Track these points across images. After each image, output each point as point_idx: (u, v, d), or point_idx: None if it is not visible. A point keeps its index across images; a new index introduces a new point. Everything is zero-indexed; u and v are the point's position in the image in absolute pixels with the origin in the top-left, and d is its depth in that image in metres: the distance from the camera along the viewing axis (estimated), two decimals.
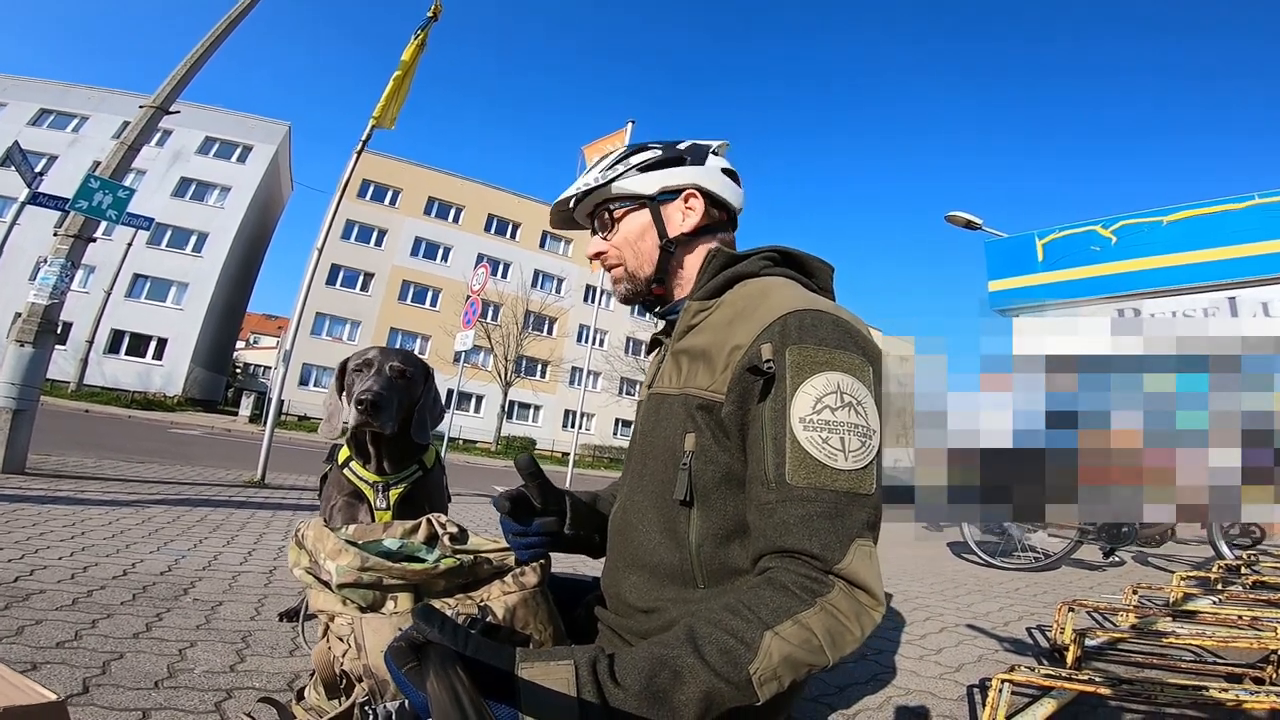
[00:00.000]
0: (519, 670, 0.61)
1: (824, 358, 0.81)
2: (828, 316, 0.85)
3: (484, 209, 34.70)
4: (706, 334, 0.95)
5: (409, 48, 7.24)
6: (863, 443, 0.78)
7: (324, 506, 1.83)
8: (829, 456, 0.76)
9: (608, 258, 1.09)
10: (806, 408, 0.78)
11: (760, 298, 0.92)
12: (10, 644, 1.70)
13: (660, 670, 0.64)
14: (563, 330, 34.23)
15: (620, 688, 0.62)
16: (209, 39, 5.96)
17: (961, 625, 3.00)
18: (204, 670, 1.71)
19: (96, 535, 3.20)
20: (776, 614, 0.68)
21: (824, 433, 0.77)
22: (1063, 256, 9.34)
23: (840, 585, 0.71)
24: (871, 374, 0.83)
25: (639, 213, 1.06)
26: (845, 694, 1.96)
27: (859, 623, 0.70)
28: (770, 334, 0.84)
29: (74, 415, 15.45)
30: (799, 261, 1.04)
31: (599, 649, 0.66)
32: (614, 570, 1.01)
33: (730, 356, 0.87)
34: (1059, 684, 1.44)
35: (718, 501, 0.87)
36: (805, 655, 0.67)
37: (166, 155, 27.53)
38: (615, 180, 1.06)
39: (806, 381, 0.80)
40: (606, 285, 1.43)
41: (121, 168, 5.61)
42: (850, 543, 0.73)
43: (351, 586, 0.90)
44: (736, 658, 0.65)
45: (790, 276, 1.00)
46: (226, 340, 34.57)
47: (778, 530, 0.75)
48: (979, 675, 2.23)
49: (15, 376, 5.02)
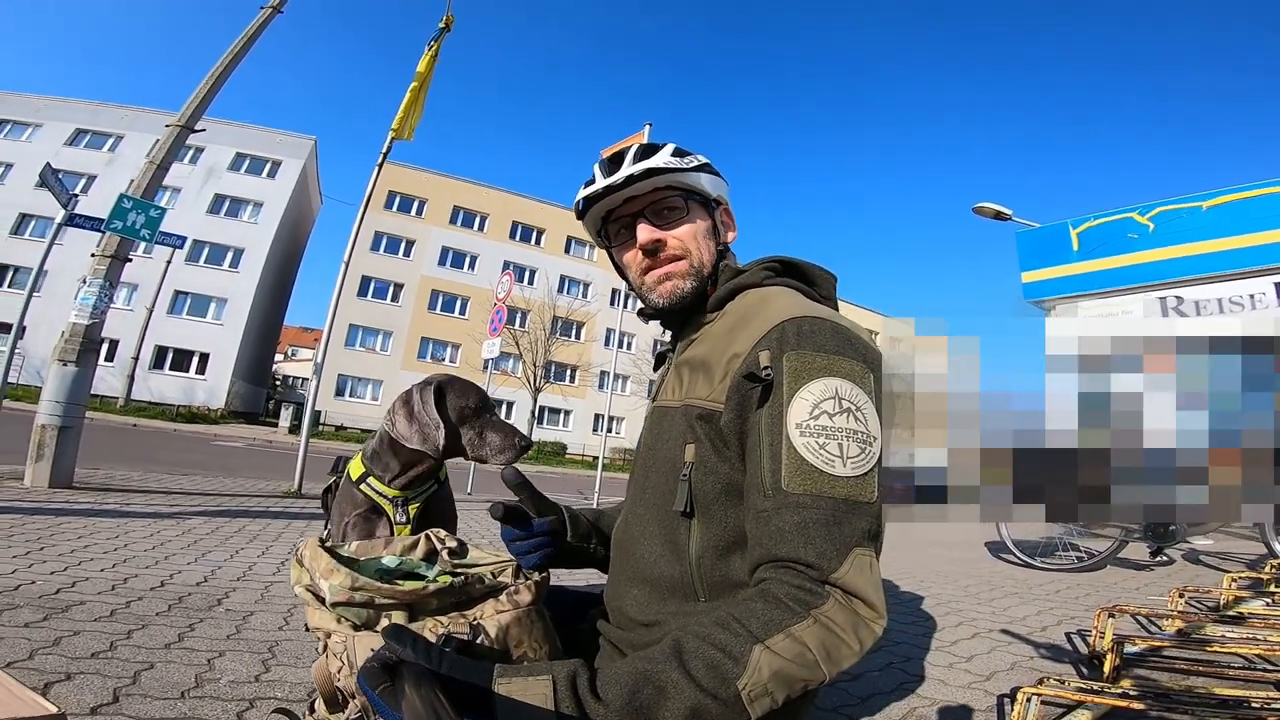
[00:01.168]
0: (496, 686, 0.61)
1: (822, 363, 0.80)
2: (826, 323, 0.84)
3: (508, 216, 35.08)
4: (707, 344, 0.95)
5: (423, 59, 7.37)
6: (862, 449, 0.76)
7: (336, 521, 1.80)
8: (826, 463, 0.74)
9: (669, 248, 1.00)
10: (803, 413, 0.77)
11: (759, 306, 0.91)
12: (47, 654, 1.77)
13: (643, 686, 0.62)
14: (590, 335, 34.36)
15: (601, 703, 0.61)
16: (227, 57, 6.13)
17: (995, 630, 2.89)
18: (230, 680, 1.75)
19: (138, 547, 3.31)
20: (767, 627, 0.66)
21: (821, 439, 0.76)
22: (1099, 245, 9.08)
23: (836, 596, 0.69)
24: (872, 380, 0.82)
25: (704, 211, 1.03)
26: (869, 704, 1.91)
27: (856, 635, 0.68)
28: (768, 341, 0.83)
29: (122, 430, 16.03)
30: (801, 271, 1.03)
31: (580, 663, 0.65)
32: (617, 584, 1.00)
33: (729, 365, 0.87)
34: (1090, 698, 1.38)
35: (718, 513, 0.86)
36: (798, 670, 0.65)
37: (200, 172, 28.41)
38: (692, 170, 1.00)
39: (804, 387, 0.78)
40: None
41: (153, 187, 5.79)
42: (848, 552, 0.71)
43: (345, 605, 0.91)
44: (724, 673, 0.63)
45: (792, 286, 0.99)
46: (265, 353, 35.50)
47: (773, 538, 0.74)
48: (1011, 684, 2.13)
49: (60, 395, 5.22)
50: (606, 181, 0.99)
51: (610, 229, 1.07)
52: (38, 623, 2.01)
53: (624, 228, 1.04)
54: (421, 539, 1.12)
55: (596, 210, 1.04)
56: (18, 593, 2.30)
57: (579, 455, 31.64)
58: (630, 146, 1.04)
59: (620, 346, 11.44)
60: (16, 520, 3.63)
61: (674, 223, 1.00)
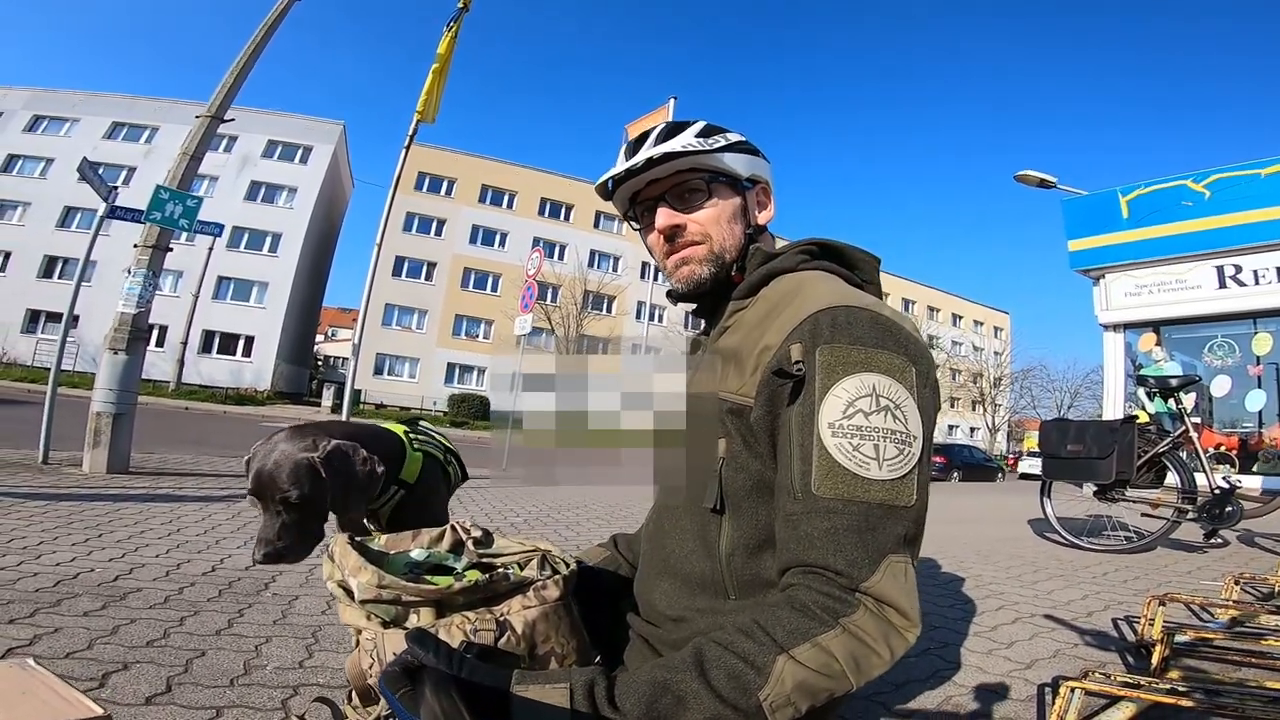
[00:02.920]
0: (514, 693, 0.61)
1: (858, 357, 0.75)
2: (865, 313, 0.79)
3: (536, 193, 35.15)
4: (739, 333, 0.92)
5: (443, 40, 7.33)
6: (900, 450, 0.72)
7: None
8: (860, 465, 0.71)
9: (688, 233, 0.97)
10: (836, 412, 0.73)
11: (793, 294, 0.87)
12: (105, 644, 1.84)
13: (662, 695, 0.61)
14: (621, 308, 34.39)
15: (618, 712, 0.60)
16: (250, 45, 6.18)
17: (1038, 615, 2.79)
18: (275, 666, 1.81)
19: (190, 531, 3.44)
20: (792, 636, 0.64)
21: (855, 439, 0.72)
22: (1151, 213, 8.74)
23: (867, 604, 0.67)
24: (915, 374, 0.77)
25: (731, 192, 0.99)
26: (902, 691, 1.88)
27: (887, 645, 0.66)
28: (800, 333, 0.79)
29: (175, 413, 16.68)
30: (840, 254, 0.98)
31: (599, 671, 0.64)
32: (646, 577, 0.99)
33: (759, 358, 0.83)
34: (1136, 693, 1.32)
35: (749, 510, 0.84)
36: (823, 681, 0.63)
37: (235, 161, 29.13)
38: (716, 151, 0.96)
39: (838, 384, 0.74)
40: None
41: (188, 177, 5.92)
42: (881, 559, 0.68)
43: (373, 603, 0.91)
44: (746, 683, 0.62)
45: (830, 270, 0.94)
46: (307, 334, 36.51)
47: (801, 544, 0.71)
48: (1053, 673, 2.07)
49: (112, 383, 5.42)
50: (625, 166, 0.96)
51: (637, 210, 1.04)
52: (96, 611, 2.10)
53: (648, 210, 1.01)
54: (447, 530, 1.12)
55: (623, 192, 1.02)
56: (77, 581, 2.40)
57: None
58: (654, 127, 0.99)
59: (652, 319, 11.42)
60: (75, 507, 3.80)
61: (695, 206, 0.97)
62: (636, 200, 1.03)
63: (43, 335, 25.52)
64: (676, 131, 0.96)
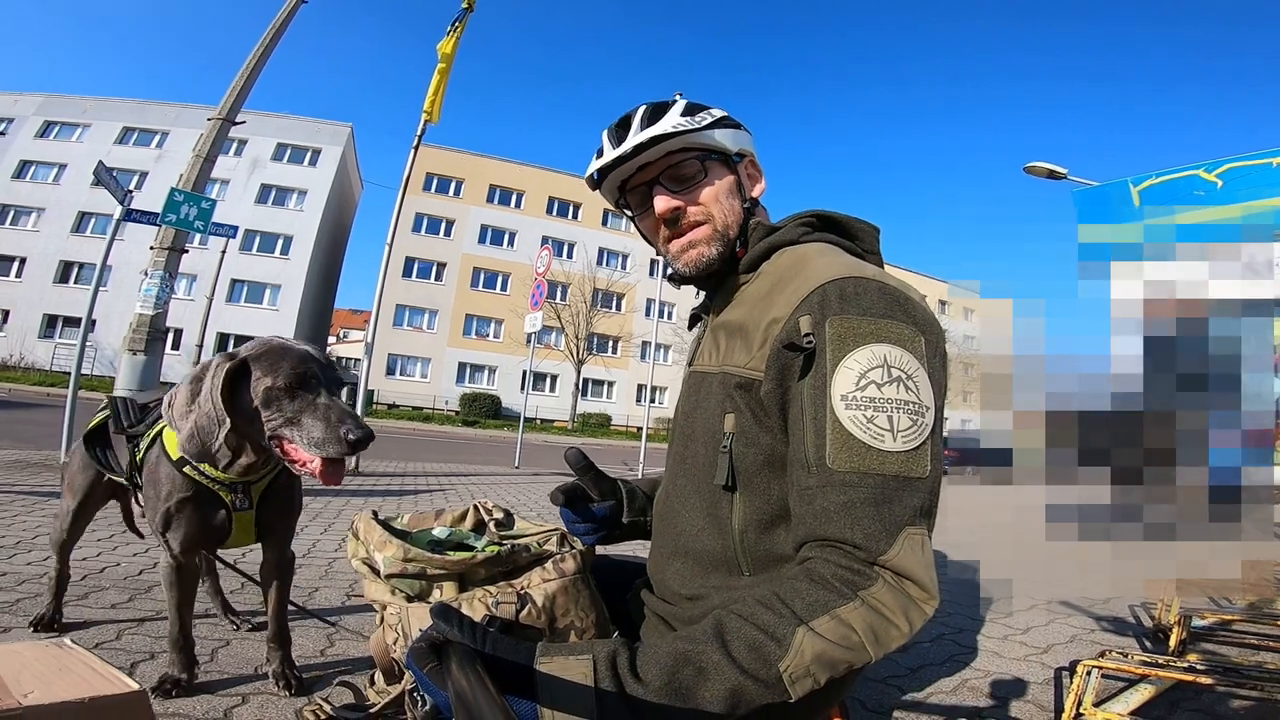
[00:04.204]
0: (538, 665, 0.61)
1: (868, 329, 0.75)
2: (872, 284, 0.79)
3: (544, 192, 35.11)
4: (744, 307, 0.91)
5: (447, 41, 7.33)
6: (914, 421, 0.72)
7: (152, 505, 1.51)
8: (874, 437, 0.71)
9: (690, 214, 0.95)
10: (849, 384, 0.73)
11: (799, 266, 0.87)
12: (132, 635, 1.88)
13: (683, 666, 0.62)
14: (630, 305, 34.35)
15: (640, 682, 0.61)
16: (259, 48, 6.25)
17: (1054, 602, 2.80)
18: (297, 655, 1.83)
19: None
20: (812, 608, 0.64)
21: (869, 411, 0.71)
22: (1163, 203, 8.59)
23: (886, 577, 0.66)
24: (924, 344, 0.76)
25: (724, 169, 0.97)
26: (918, 675, 1.88)
27: (906, 617, 0.66)
28: (809, 305, 0.79)
29: None
30: (840, 225, 0.98)
31: (621, 642, 0.65)
32: (659, 556, 0.99)
33: (768, 331, 0.83)
34: (1155, 672, 1.31)
35: (760, 486, 0.84)
36: (842, 653, 0.63)
37: (245, 164, 29.26)
38: (706, 128, 0.93)
39: (849, 355, 0.74)
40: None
41: (201, 180, 5.99)
42: (898, 531, 0.68)
43: (398, 577, 0.93)
44: (766, 654, 0.62)
45: (831, 242, 0.94)
46: (319, 336, 36.65)
47: (818, 518, 0.71)
48: (1070, 657, 2.07)
49: (132, 383, 5.50)
50: (615, 153, 0.93)
51: (629, 198, 1.01)
52: (123, 604, 2.14)
53: (642, 197, 0.99)
54: (470, 510, 1.15)
55: (611, 180, 0.99)
56: (104, 575, 2.45)
57: (623, 426, 31.92)
58: (636, 110, 0.96)
59: (661, 316, 11.42)
60: None
61: (692, 187, 0.95)
62: (626, 188, 1.00)
63: (60, 340, 25.83)
64: (660, 114, 0.94)
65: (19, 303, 26.36)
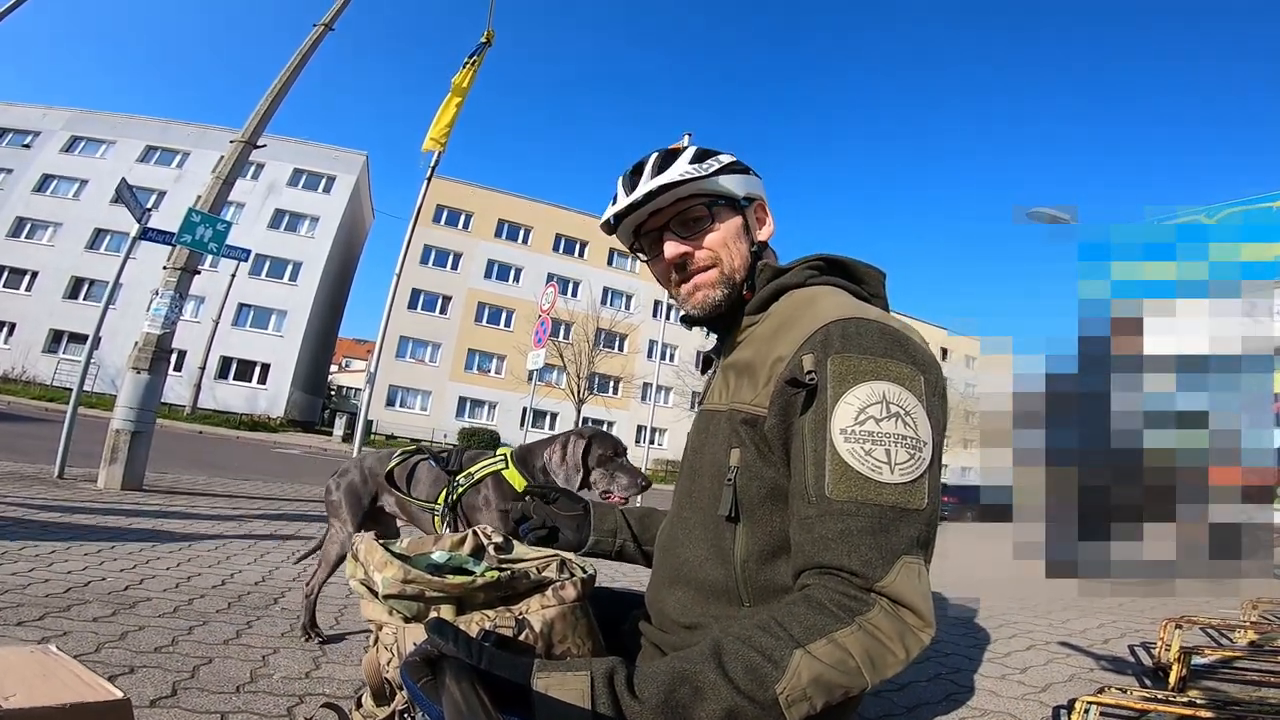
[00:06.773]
0: (534, 681, 0.61)
1: (868, 367, 0.77)
2: (874, 325, 0.81)
3: (552, 229, 35.60)
4: (752, 347, 0.93)
5: (464, 74, 7.52)
6: (911, 455, 0.73)
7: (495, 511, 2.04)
8: (872, 469, 0.72)
9: (697, 259, 0.99)
10: (848, 419, 0.75)
11: (804, 307, 0.89)
12: (113, 648, 1.84)
13: (680, 685, 0.62)
14: (633, 346, 34.44)
15: (637, 700, 0.60)
16: (284, 74, 6.42)
17: (1053, 642, 2.76)
18: (282, 676, 1.80)
19: (201, 546, 3.44)
20: (809, 632, 0.65)
21: (867, 444, 0.73)
22: None
23: (882, 604, 0.67)
24: (923, 383, 0.78)
25: (732, 213, 1.01)
26: (915, 714, 1.84)
27: (903, 644, 0.66)
28: (812, 344, 0.81)
29: (189, 437, 16.79)
30: (846, 269, 1.00)
31: (619, 661, 0.64)
32: (659, 585, 0.99)
33: (773, 369, 0.85)
34: (1155, 707, 1.28)
35: (763, 518, 0.85)
36: (839, 677, 0.63)
37: (261, 188, 29.68)
38: (712, 175, 0.97)
39: (849, 391, 0.76)
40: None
41: (219, 201, 6.09)
42: (895, 560, 0.69)
43: (396, 598, 0.92)
44: (762, 676, 0.62)
45: (837, 285, 0.96)
46: (322, 364, 36.78)
47: (816, 546, 0.72)
48: (1068, 696, 2.03)
49: (133, 401, 5.49)
50: (628, 201, 0.98)
51: (642, 242, 1.06)
52: (106, 617, 2.10)
53: (654, 241, 1.03)
54: (469, 535, 1.13)
55: (626, 226, 1.04)
56: (88, 589, 2.41)
57: None
58: (649, 158, 1.02)
59: (663, 358, 11.45)
60: (90, 519, 3.82)
61: (700, 232, 0.99)
62: (640, 232, 1.04)
63: (64, 355, 25.88)
64: (670, 160, 0.99)
65: (26, 316, 26.51)
